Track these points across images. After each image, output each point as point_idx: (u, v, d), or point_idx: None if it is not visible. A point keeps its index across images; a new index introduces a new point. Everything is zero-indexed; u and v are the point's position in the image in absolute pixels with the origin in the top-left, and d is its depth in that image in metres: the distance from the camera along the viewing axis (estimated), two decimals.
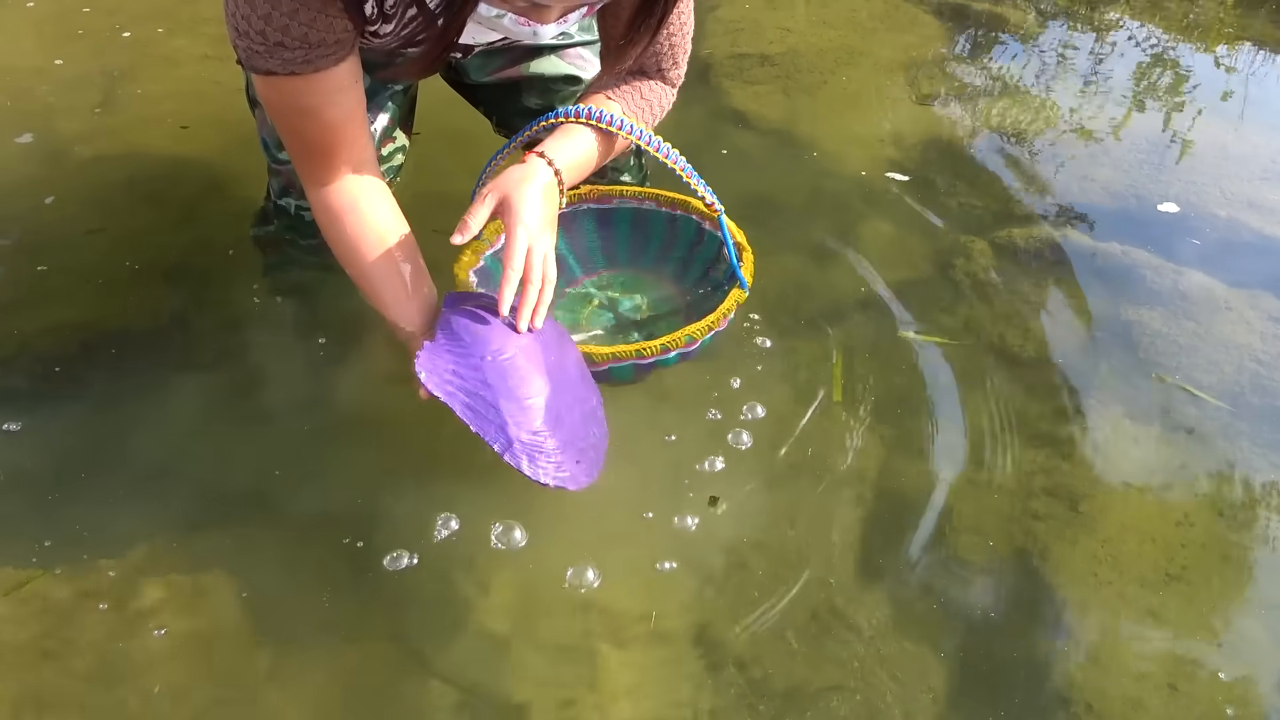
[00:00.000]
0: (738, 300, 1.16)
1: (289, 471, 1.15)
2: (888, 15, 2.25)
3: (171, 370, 1.28)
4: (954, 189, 1.69)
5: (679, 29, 1.15)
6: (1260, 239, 1.54)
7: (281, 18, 0.90)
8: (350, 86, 1.01)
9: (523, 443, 0.94)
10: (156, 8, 2.15)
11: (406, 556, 1.06)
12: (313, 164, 1.06)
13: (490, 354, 0.99)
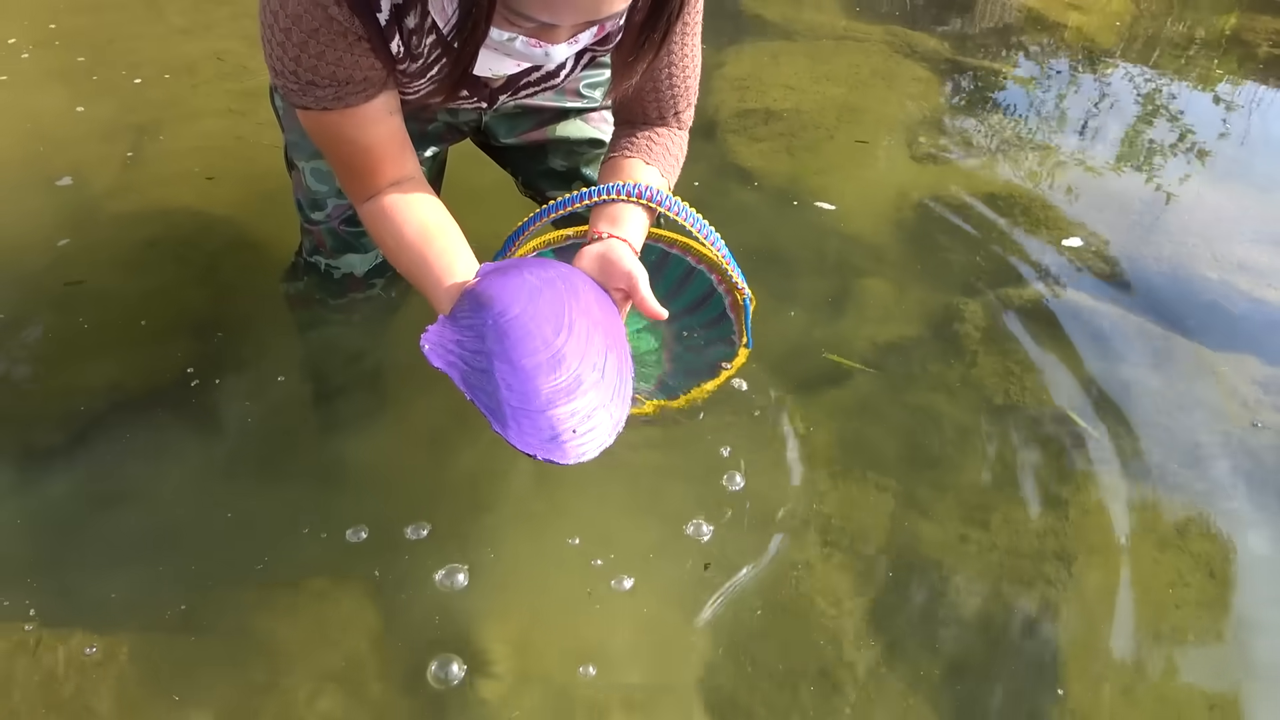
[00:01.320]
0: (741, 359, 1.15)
1: (304, 533, 1.20)
2: (888, 71, 2.32)
3: (191, 431, 1.32)
4: (953, 246, 1.74)
5: (692, 66, 1.18)
6: (1250, 302, 1.59)
7: (311, 58, 0.95)
8: (386, 118, 1.05)
9: (512, 407, 0.87)
10: (182, 62, 2.22)
11: (456, 665, 1.09)
12: (355, 183, 1.10)
13: (492, 318, 0.94)
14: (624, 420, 0.93)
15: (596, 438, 0.89)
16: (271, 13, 0.94)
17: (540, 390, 0.89)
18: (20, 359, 1.43)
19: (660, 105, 1.20)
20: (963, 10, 2.70)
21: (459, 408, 1.33)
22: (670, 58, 1.15)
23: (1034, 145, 2.06)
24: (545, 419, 0.87)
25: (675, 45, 1.14)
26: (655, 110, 1.20)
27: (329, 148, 1.08)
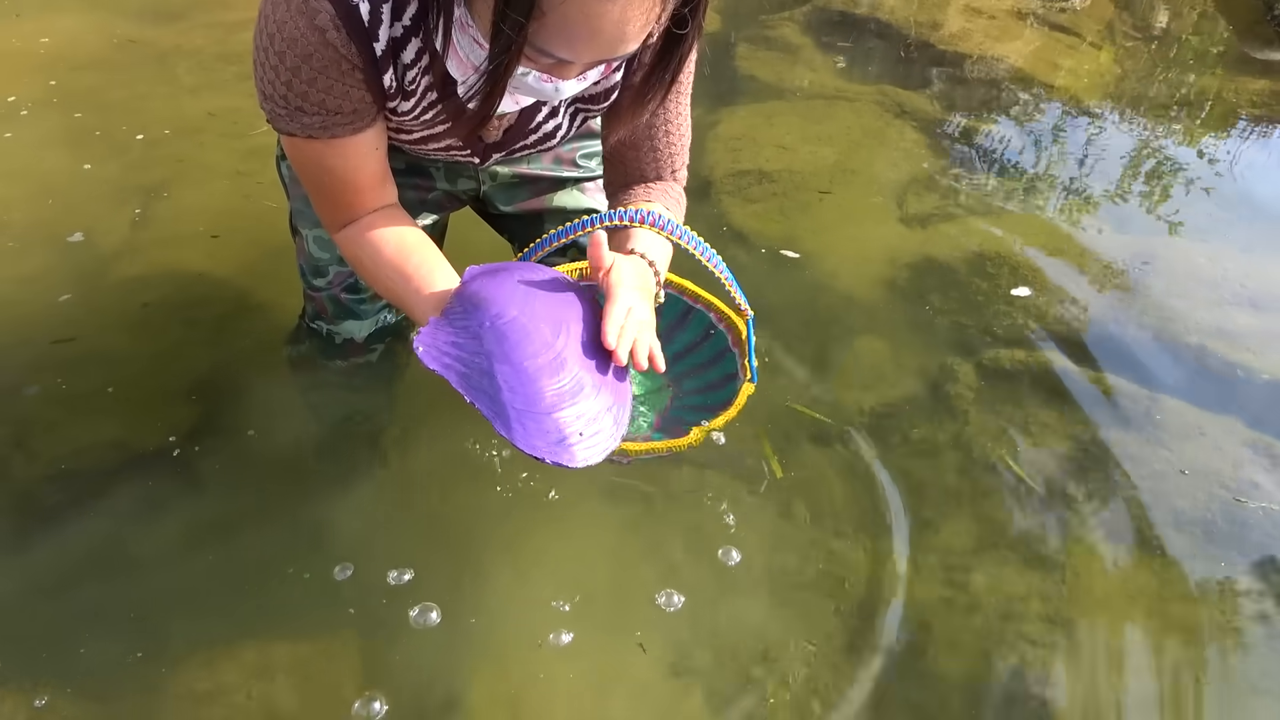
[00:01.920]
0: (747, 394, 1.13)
1: (289, 573, 1.22)
2: (878, 131, 2.38)
3: (191, 488, 1.34)
4: (943, 307, 1.78)
5: (685, 125, 1.22)
6: (1227, 366, 1.63)
7: (302, 84, 0.96)
8: (370, 153, 1.07)
9: (516, 409, 0.85)
10: (189, 122, 2.28)
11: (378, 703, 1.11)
12: (333, 212, 1.12)
13: (490, 319, 0.92)
14: (626, 424, 0.92)
15: (602, 441, 0.88)
16: (268, 35, 0.95)
17: (544, 392, 0.87)
18: (18, 418, 1.46)
19: (658, 164, 1.23)
20: (952, 70, 2.77)
21: (456, 462, 1.38)
22: (665, 115, 1.19)
23: (1021, 205, 2.11)
24: (551, 421, 0.86)
25: (670, 105, 1.18)
26: (653, 170, 1.24)
27: (309, 176, 1.09)
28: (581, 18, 0.80)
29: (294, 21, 0.92)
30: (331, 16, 0.91)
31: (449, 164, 1.38)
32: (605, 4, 0.79)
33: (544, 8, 0.79)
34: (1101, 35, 3.11)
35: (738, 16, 3.08)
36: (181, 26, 2.85)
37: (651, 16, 0.84)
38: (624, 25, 0.82)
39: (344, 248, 1.14)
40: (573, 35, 0.82)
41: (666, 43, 0.96)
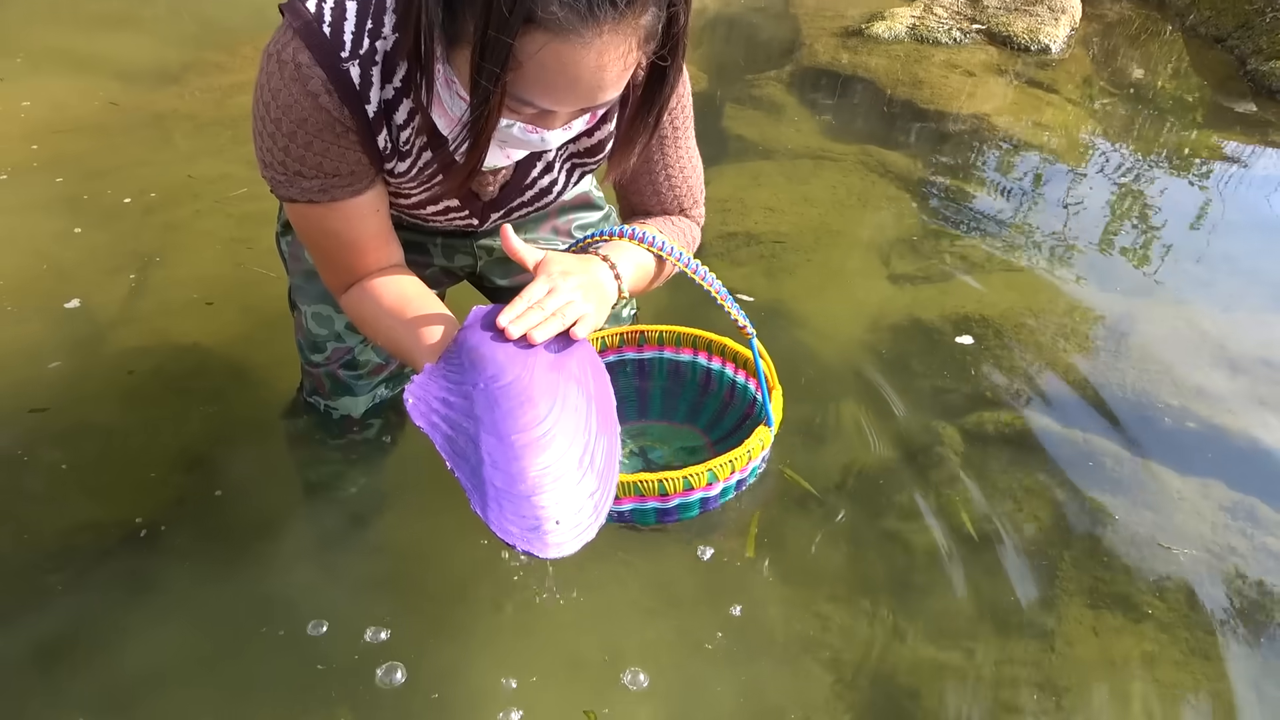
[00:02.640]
0: (762, 441, 1.07)
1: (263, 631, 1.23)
2: (864, 192, 2.43)
3: (189, 574, 1.35)
4: (927, 371, 1.81)
5: (690, 166, 1.24)
6: (1208, 428, 1.66)
7: (299, 148, 0.98)
8: (370, 215, 1.08)
9: (496, 488, 0.81)
10: (184, 189, 2.31)
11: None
12: (336, 275, 1.13)
13: (485, 380, 0.88)
14: (607, 512, 0.87)
15: (578, 531, 0.83)
16: (264, 103, 0.97)
17: (527, 472, 0.83)
18: (7, 491, 1.47)
19: (663, 204, 1.25)
20: (933, 127, 2.83)
21: (448, 535, 1.39)
22: (664, 159, 1.20)
23: (1003, 265, 2.15)
24: (529, 505, 0.81)
25: (669, 150, 1.20)
26: (658, 209, 1.26)
27: (312, 240, 1.11)
28: (558, 66, 0.82)
29: (288, 89, 0.95)
30: (323, 82, 0.94)
31: (446, 240, 1.41)
32: (580, 51, 0.81)
33: (520, 58, 0.81)
34: (1079, 91, 3.19)
35: (724, 75, 3.15)
36: (176, 90, 2.90)
37: (629, 61, 0.86)
38: (601, 72, 0.84)
39: (347, 307, 1.16)
40: (551, 84, 0.84)
41: (649, 85, 0.98)
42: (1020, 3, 3.67)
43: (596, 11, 0.79)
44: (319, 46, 0.94)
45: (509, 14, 0.77)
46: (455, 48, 0.87)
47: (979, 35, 3.50)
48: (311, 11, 0.95)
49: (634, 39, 0.84)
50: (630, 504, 1.01)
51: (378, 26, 0.95)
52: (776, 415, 1.13)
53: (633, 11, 0.81)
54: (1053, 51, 3.44)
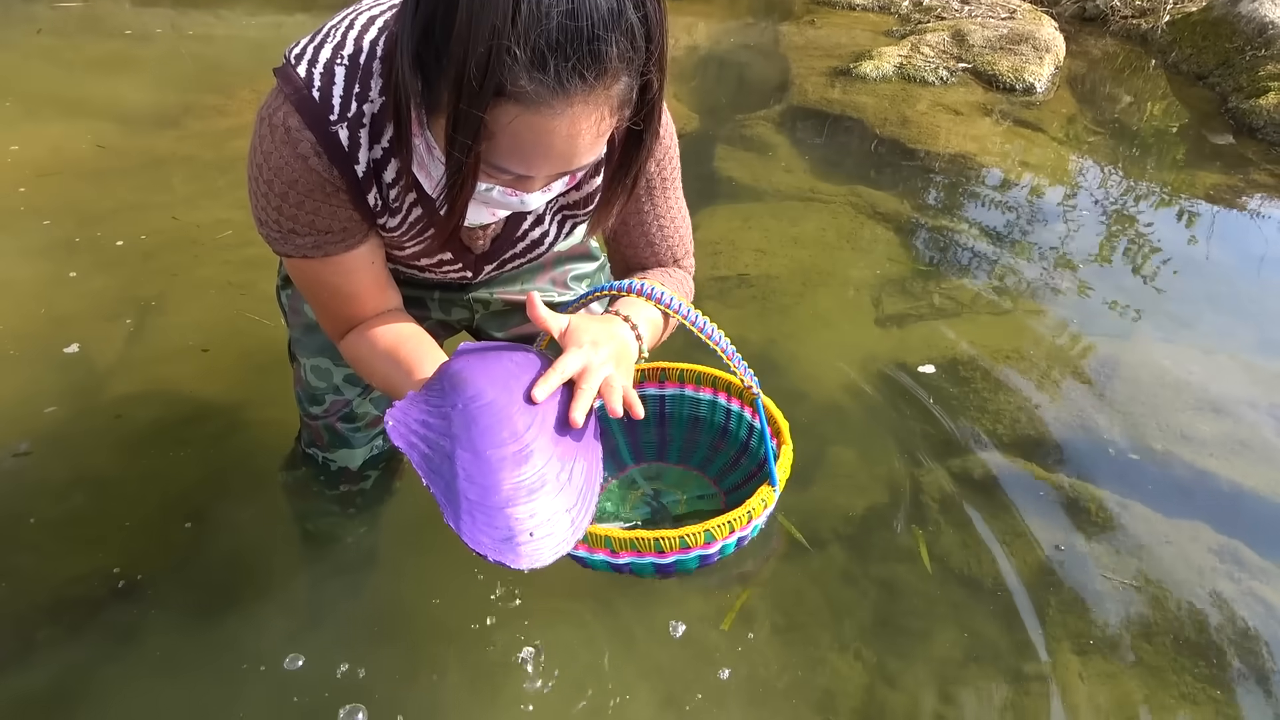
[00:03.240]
0: (764, 500, 1.06)
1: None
2: (852, 233, 2.47)
3: (190, 623, 1.36)
4: (914, 414, 1.84)
5: (680, 217, 1.26)
6: (1193, 472, 1.68)
7: (291, 208, 1.01)
8: (367, 267, 1.10)
9: (469, 500, 0.82)
10: (183, 234, 2.34)
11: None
12: (334, 323, 1.16)
13: (463, 401, 0.89)
14: (585, 528, 0.89)
15: (553, 543, 0.84)
16: (257, 165, 1.00)
17: (501, 485, 0.84)
18: (7, 544, 1.48)
19: (657, 257, 1.27)
20: (921, 167, 2.88)
21: (442, 586, 1.41)
22: (655, 211, 1.22)
23: (989, 307, 2.19)
24: (502, 516, 0.82)
25: (658, 200, 1.22)
26: (653, 261, 1.28)
27: (309, 291, 1.13)
28: (531, 137, 0.83)
29: (279, 151, 0.98)
30: (313, 144, 0.97)
31: (443, 294, 1.43)
32: (552, 121, 0.82)
33: (493, 129, 0.82)
34: (1064, 130, 3.24)
35: (715, 115, 3.20)
36: (175, 134, 2.93)
37: (603, 128, 0.87)
38: (574, 140, 0.85)
39: (345, 351, 1.18)
40: (525, 153, 0.86)
41: (625, 149, 0.99)
42: (1005, 42, 3.74)
43: (566, 84, 0.80)
44: (308, 111, 0.97)
45: (479, 88, 0.79)
46: (433, 116, 0.89)
47: (965, 74, 3.57)
48: (302, 77, 0.98)
49: (606, 108, 0.86)
50: (628, 558, 1.02)
51: (365, 91, 0.98)
52: (783, 474, 1.13)
53: (603, 83, 0.83)
54: (1037, 90, 3.50)
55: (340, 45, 1.00)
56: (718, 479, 1.35)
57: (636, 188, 1.09)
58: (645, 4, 0.83)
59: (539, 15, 0.77)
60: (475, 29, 0.77)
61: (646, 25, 0.83)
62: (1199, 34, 3.81)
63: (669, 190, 1.23)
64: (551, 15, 0.77)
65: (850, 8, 4.44)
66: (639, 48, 0.84)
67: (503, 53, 0.77)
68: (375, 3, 1.06)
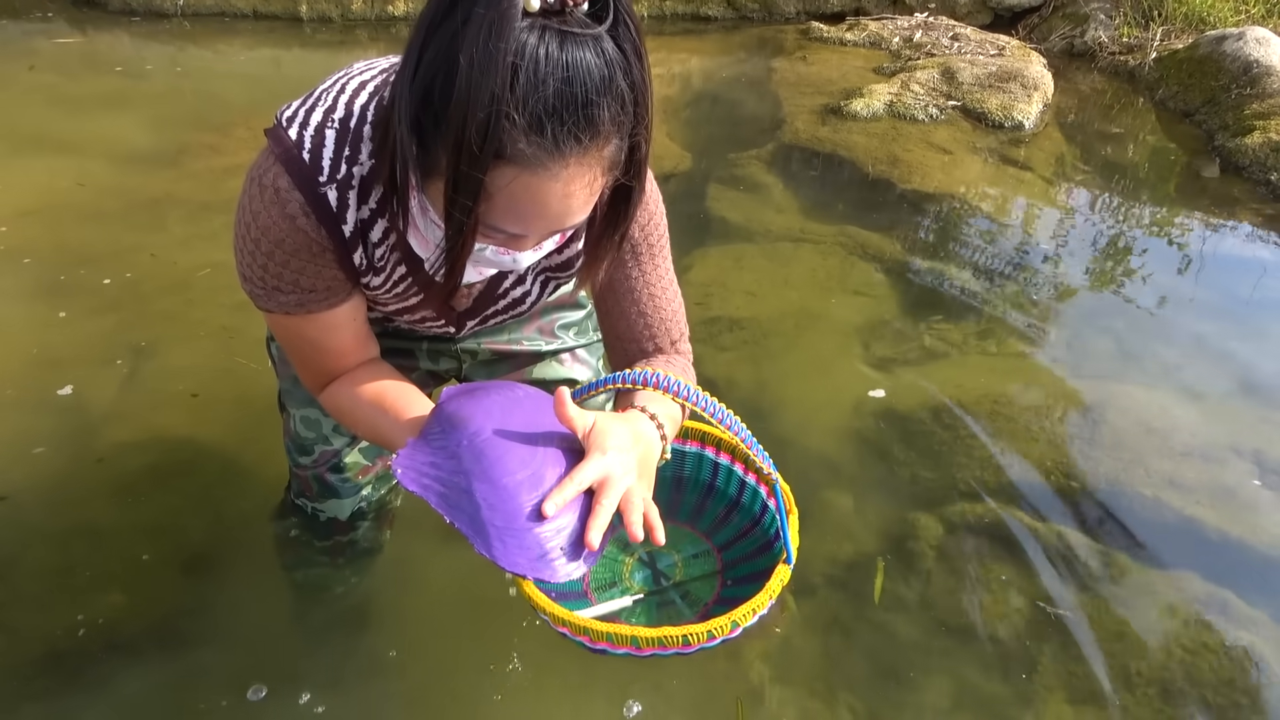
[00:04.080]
0: (783, 580, 1.07)
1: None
2: (843, 275, 2.49)
3: (178, 678, 1.37)
4: (906, 459, 1.85)
5: (671, 290, 1.25)
6: (1181, 520, 1.69)
7: (277, 266, 1.03)
8: (347, 324, 1.12)
9: (496, 527, 0.88)
10: (177, 279, 2.35)
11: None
12: (314, 376, 1.18)
13: (467, 438, 0.94)
14: (607, 538, 0.93)
15: (583, 554, 0.90)
16: (245, 223, 1.02)
17: (524, 508, 0.89)
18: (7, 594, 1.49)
19: (654, 335, 1.26)
20: (910, 207, 2.90)
21: (440, 634, 1.41)
22: (645, 279, 1.23)
23: (980, 350, 2.21)
24: (532, 537, 0.88)
25: (646, 267, 1.22)
26: (650, 342, 1.27)
27: (290, 345, 1.15)
28: (527, 197, 0.87)
29: (267, 211, 1.00)
30: (301, 205, 0.99)
31: (431, 344, 1.45)
32: (548, 183, 0.86)
33: (490, 190, 0.85)
34: (1052, 169, 3.28)
35: (708, 154, 3.23)
36: (171, 174, 2.95)
37: (595, 187, 0.91)
38: (568, 200, 0.89)
39: (326, 403, 1.20)
40: (521, 213, 0.89)
41: (614, 205, 1.02)
42: (994, 79, 3.78)
43: (563, 146, 0.84)
44: (298, 172, 0.99)
45: (479, 151, 0.82)
46: (429, 179, 0.91)
47: (954, 111, 3.61)
48: (293, 139, 1.00)
49: (598, 168, 0.90)
50: (652, 651, 0.99)
51: (355, 153, 1.01)
52: (771, 586, 1.06)
53: (596, 145, 0.87)
54: (1026, 128, 3.54)
55: (331, 109, 1.02)
56: (709, 533, 1.34)
57: (624, 244, 1.12)
58: (633, 72, 0.86)
59: (536, 82, 0.80)
60: (475, 95, 0.80)
61: (635, 91, 0.87)
62: (1185, 71, 3.86)
63: (656, 257, 1.24)
64: (548, 83, 0.81)
65: (842, 44, 4.49)
66: (628, 111, 0.88)
67: (502, 118, 0.80)
68: (366, 67, 1.08)
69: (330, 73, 1.06)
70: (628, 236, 1.15)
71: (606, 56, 0.83)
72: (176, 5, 4.82)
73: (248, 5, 4.84)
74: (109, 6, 4.85)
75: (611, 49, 0.84)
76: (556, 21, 0.81)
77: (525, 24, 0.79)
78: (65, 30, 4.60)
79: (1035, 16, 4.91)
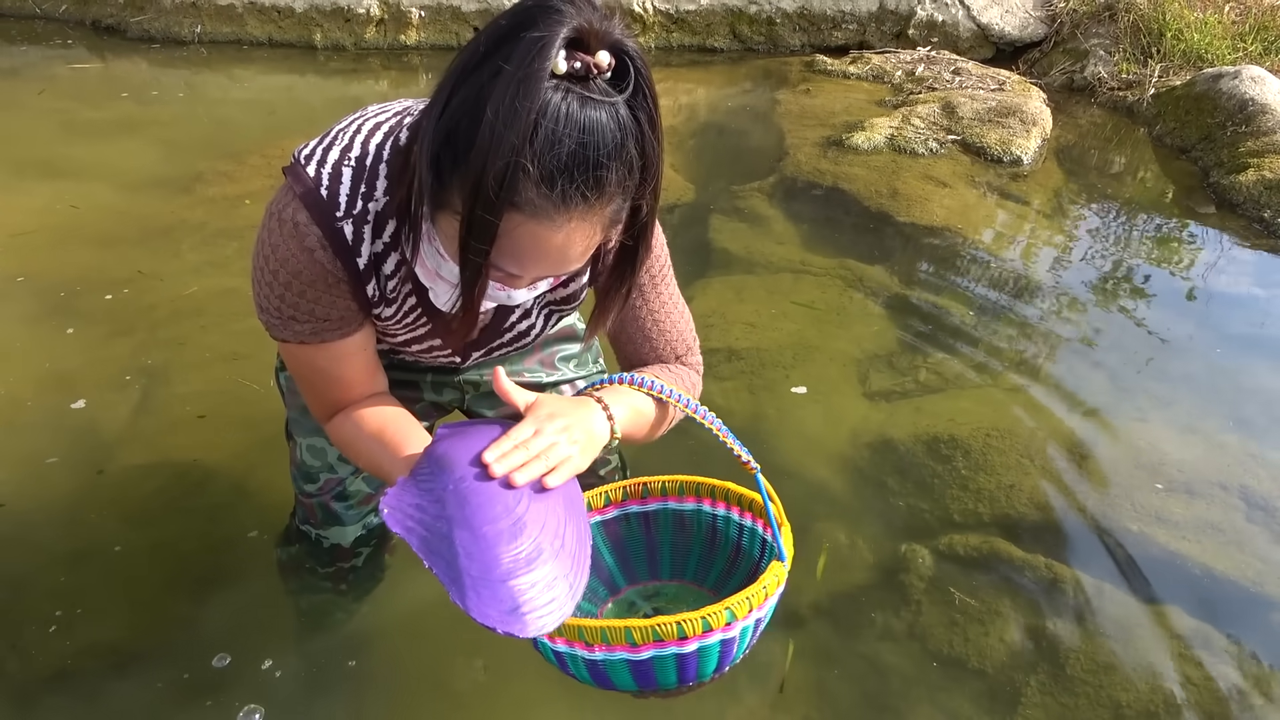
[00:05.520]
0: (778, 576, 1.05)
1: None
2: (841, 307, 2.54)
3: (185, 703, 1.40)
4: (901, 490, 1.89)
5: (676, 311, 1.32)
6: (1167, 554, 1.73)
7: (294, 296, 1.09)
8: (357, 353, 1.18)
9: (472, 576, 0.87)
10: (190, 305, 2.41)
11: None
12: (322, 406, 1.22)
13: (454, 482, 0.95)
14: (582, 590, 0.93)
15: (557, 609, 0.89)
16: (264, 256, 1.08)
17: (501, 559, 0.89)
18: (15, 617, 1.53)
19: (659, 353, 1.32)
20: (909, 240, 2.95)
21: (435, 663, 1.45)
22: (649, 308, 1.29)
23: (975, 383, 2.25)
24: (506, 589, 0.87)
25: (650, 298, 1.28)
26: (654, 358, 1.33)
27: (301, 375, 1.21)
28: (530, 242, 0.93)
29: (286, 244, 1.06)
30: (319, 238, 1.05)
31: (436, 376, 1.50)
32: (550, 231, 0.92)
33: (498, 233, 0.91)
34: (1050, 204, 3.33)
35: (710, 186, 3.29)
36: (185, 200, 3.02)
37: (593, 241, 0.97)
38: (566, 250, 0.95)
39: (331, 433, 1.24)
40: (521, 256, 0.95)
41: (620, 262, 1.09)
42: (993, 114, 3.85)
43: (569, 201, 0.90)
44: (316, 207, 1.05)
45: (495, 197, 0.88)
46: (439, 211, 0.97)
47: (954, 145, 3.67)
48: (311, 176, 1.06)
49: (598, 224, 0.96)
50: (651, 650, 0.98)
51: (370, 190, 1.07)
52: (789, 550, 1.12)
53: (600, 204, 0.93)
54: (1024, 163, 3.59)
55: (348, 148, 1.08)
56: (716, 589, 1.31)
57: (630, 298, 1.17)
58: (644, 139, 0.92)
59: (553, 140, 0.86)
60: (497, 144, 0.85)
61: (644, 158, 0.93)
62: (1182, 108, 3.92)
63: (660, 287, 1.30)
64: (564, 141, 0.86)
65: (845, 76, 4.57)
66: (635, 176, 0.94)
67: (519, 169, 0.86)
68: (380, 110, 1.14)
69: (345, 114, 1.13)
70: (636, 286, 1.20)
71: (621, 123, 0.89)
72: (194, 32, 4.92)
73: (263, 33, 4.94)
74: (128, 33, 4.95)
75: (627, 116, 0.90)
76: (580, 86, 0.87)
77: (551, 84, 0.85)
78: (84, 56, 4.70)
79: (1036, 51, 4.98)
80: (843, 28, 5.08)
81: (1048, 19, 5.03)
